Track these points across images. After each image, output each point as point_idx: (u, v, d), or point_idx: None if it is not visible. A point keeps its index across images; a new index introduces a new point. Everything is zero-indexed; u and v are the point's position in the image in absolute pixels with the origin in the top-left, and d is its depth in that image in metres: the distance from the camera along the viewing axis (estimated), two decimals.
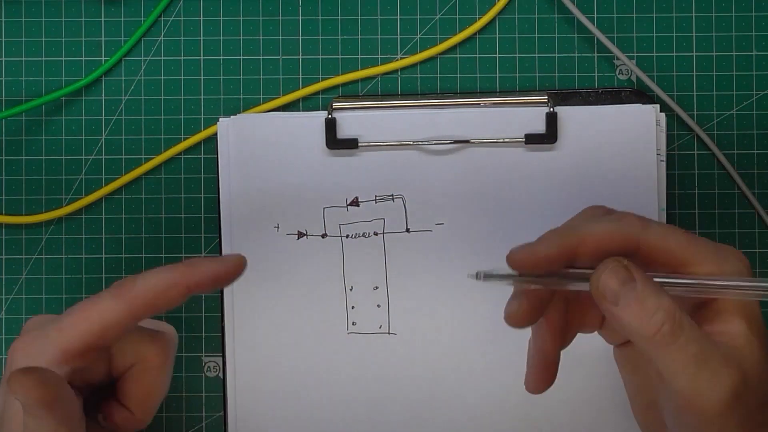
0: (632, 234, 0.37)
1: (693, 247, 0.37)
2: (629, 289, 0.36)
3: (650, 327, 0.35)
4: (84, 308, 0.39)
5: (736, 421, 0.35)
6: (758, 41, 0.49)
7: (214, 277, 0.39)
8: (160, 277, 0.39)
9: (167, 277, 0.39)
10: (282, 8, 0.50)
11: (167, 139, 0.49)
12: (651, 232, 0.37)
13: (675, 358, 0.35)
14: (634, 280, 0.36)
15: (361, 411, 0.48)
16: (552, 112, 0.48)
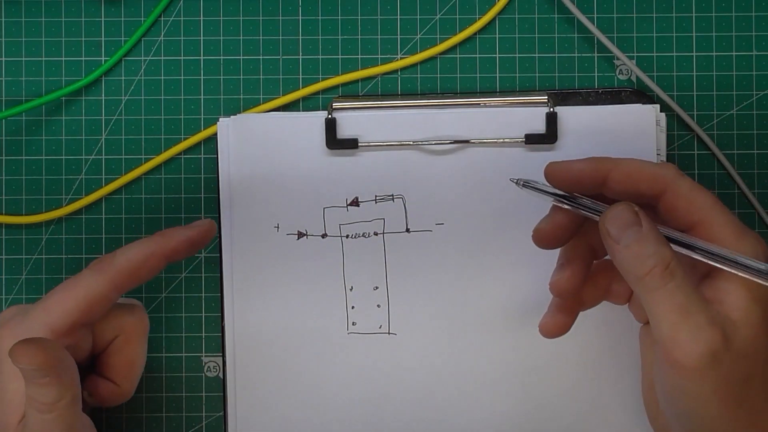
0: (664, 177, 0.39)
1: (717, 213, 0.38)
2: (633, 231, 0.38)
3: (643, 268, 0.37)
4: (68, 287, 0.41)
5: (711, 384, 0.36)
6: (758, 41, 0.49)
7: (188, 243, 0.43)
8: (138, 249, 0.42)
9: (145, 248, 0.42)
10: (282, 8, 0.50)
11: (167, 139, 0.50)
12: (682, 183, 0.39)
13: (661, 303, 0.37)
14: (639, 224, 0.38)
15: (361, 411, 0.48)
16: (552, 112, 0.48)
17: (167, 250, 0.42)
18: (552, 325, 0.42)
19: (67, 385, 0.39)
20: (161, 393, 0.49)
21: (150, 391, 0.49)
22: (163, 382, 0.49)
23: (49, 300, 0.41)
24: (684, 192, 0.38)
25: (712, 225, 0.38)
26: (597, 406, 0.48)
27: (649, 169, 0.39)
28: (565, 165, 0.40)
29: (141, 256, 0.42)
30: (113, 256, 0.41)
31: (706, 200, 0.38)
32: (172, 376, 0.49)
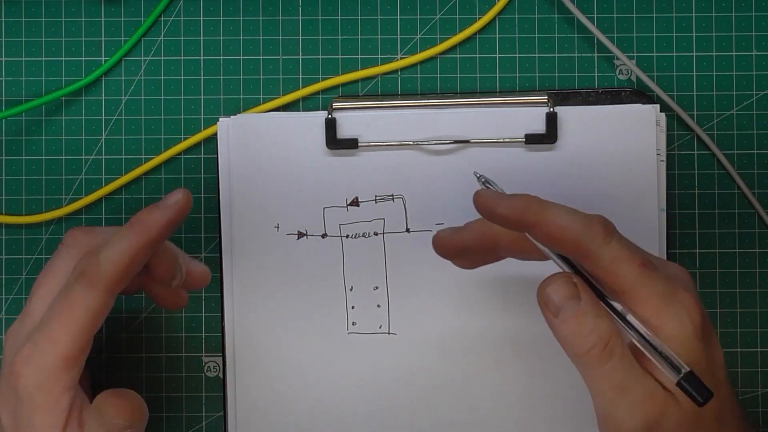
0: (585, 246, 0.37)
1: (640, 286, 0.37)
2: (571, 305, 0.37)
3: (582, 346, 0.37)
4: (64, 310, 0.40)
5: None
6: (758, 41, 0.49)
7: (168, 227, 0.40)
8: (122, 250, 0.39)
9: (128, 247, 0.39)
10: (282, 8, 0.50)
11: (167, 139, 0.49)
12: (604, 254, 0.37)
13: (599, 381, 0.36)
14: (578, 298, 0.37)
15: (361, 411, 0.48)
16: (552, 112, 0.48)
17: (150, 241, 0.40)
18: (446, 243, 0.42)
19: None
20: (161, 393, 0.49)
21: (150, 391, 0.49)
22: (163, 382, 0.49)
23: (52, 329, 0.39)
24: (605, 264, 0.37)
25: (634, 298, 0.37)
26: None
27: (570, 234, 0.37)
28: (451, 235, 0.40)
29: (127, 259, 0.39)
30: (98, 264, 0.39)
31: (628, 272, 0.37)
32: (172, 376, 0.49)
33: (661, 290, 0.37)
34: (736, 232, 0.49)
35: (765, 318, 0.49)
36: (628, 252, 0.37)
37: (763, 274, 0.49)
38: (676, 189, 0.49)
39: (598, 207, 0.47)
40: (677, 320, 0.36)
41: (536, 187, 0.48)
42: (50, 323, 0.39)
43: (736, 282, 0.49)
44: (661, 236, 0.48)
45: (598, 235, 0.37)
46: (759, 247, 0.49)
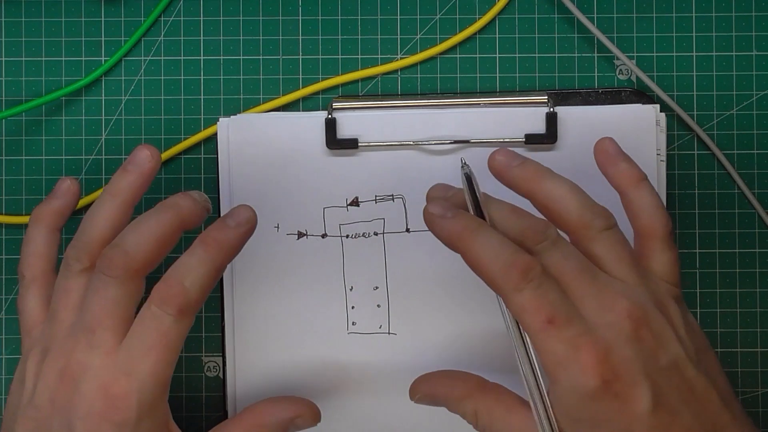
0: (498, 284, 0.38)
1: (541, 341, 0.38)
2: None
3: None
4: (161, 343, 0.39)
5: None
6: (758, 41, 0.49)
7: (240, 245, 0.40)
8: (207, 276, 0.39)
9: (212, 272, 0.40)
10: (282, 8, 0.50)
11: (167, 139, 0.50)
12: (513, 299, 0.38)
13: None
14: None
15: (361, 411, 0.48)
16: (552, 112, 0.48)
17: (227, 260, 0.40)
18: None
19: None
20: None
21: None
22: None
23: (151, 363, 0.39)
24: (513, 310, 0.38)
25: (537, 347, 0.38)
26: None
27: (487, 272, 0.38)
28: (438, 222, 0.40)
29: (211, 282, 0.40)
30: (186, 293, 0.39)
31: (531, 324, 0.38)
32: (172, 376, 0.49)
33: (560, 350, 0.37)
34: (736, 232, 0.49)
35: (765, 318, 0.49)
36: (537, 303, 0.37)
37: (763, 274, 0.49)
38: (676, 189, 0.49)
39: None
40: (570, 381, 0.37)
41: None
42: (146, 355, 0.39)
43: (736, 282, 0.49)
44: None
45: (510, 281, 0.37)
46: (759, 247, 0.49)
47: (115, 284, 0.39)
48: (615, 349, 0.37)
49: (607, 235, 0.40)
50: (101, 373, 0.39)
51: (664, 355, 0.38)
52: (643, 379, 0.37)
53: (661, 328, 0.38)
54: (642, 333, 0.37)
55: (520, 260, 0.37)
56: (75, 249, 0.41)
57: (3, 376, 0.50)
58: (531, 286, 0.37)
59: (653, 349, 0.38)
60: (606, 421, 0.37)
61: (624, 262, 0.40)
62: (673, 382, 0.37)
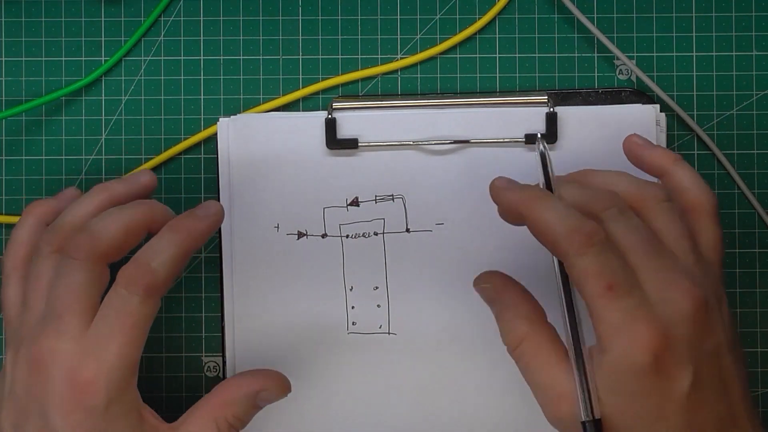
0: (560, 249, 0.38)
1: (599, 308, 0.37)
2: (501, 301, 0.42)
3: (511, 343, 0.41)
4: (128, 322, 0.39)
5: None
6: (758, 41, 0.49)
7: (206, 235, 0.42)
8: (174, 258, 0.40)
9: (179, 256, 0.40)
10: (282, 8, 0.50)
11: (167, 139, 0.50)
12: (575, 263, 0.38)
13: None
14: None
15: (361, 411, 0.48)
16: (552, 112, 0.48)
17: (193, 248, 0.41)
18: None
19: None
20: (161, 393, 0.49)
21: (150, 391, 0.49)
22: (163, 382, 0.49)
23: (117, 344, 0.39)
24: (574, 274, 0.38)
25: (594, 315, 0.37)
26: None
27: (551, 236, 0.38)
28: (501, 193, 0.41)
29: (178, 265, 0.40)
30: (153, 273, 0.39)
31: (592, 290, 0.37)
32: (172, 376, 0.49)
33: (617, 319, 0.37)
34: (736, 232, 0.49)
35: (765, 318, 0.49)
36: (599, 269, 0.37)
37: (763, 274, 0.49)
38: None
39: None
40: (622, 352, 0.37)
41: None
42: (113, 338, 0.39)
43: (736, 282, 0.49)
44: None
45: (573, 244, 0.37)
46: (759, 247, 0.49)
47: (81, 267, 0.40)
48: (671, 327, 0.37)
49: (667, 207, 0.40)
50: (69, 359, 0.39)
51: (710, 339, 0.38)
52: (689, 361, 0.37)
53: (713, 313, 0.38)
54: (699, 315, 0.37)
55: (585, 225, 0.37)
56: (48, 233, 0.42)
57: None
58: (594, 251, 0.37)
59: (703, 332, 0.38)
60: (643, 395, 0.37)
61: (685, 239, 0.39)
62: (711, 368, 0.38)
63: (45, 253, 0.42)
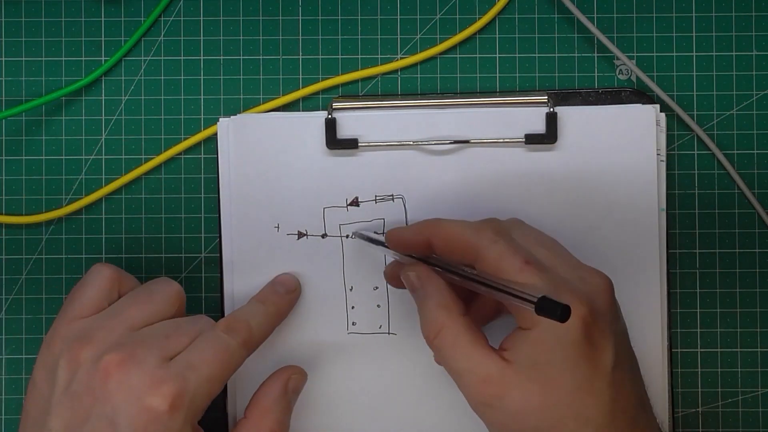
0: (475, 246, 0.40)
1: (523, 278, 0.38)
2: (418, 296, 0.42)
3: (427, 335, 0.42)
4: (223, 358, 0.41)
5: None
6: (758, 41, 0.49)
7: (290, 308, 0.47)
8: (266, 324, 0.44)
9: (271, 324, 0.45)
10: (282, 8, 0.50)
11: (167, 139, 0.50)
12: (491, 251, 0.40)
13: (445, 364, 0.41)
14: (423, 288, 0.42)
15: (361, 411, 0.48)
16: (552, 112, 0.48)
17: (281, 320, 0.46)
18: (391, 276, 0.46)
19: None
20: None
21: None
22: None
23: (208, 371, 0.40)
24: (492, 260, 0.39)
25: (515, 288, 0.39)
26: None
27: (462, 237, 0.41)
28: (398, 232, 0.43)
29: (269, 332, 0.45)
30: (251, 330, 0.43)
31: (510, 267, 0.39)
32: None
33: (541, 287, 0.38)
34: (736, 232, 0.49)
35: (765, 318, 0.49)
36: (513, 249, 0.39)
37: (763, 274, 0.49)
38: (676, 189, 0.49)
39: (598, 207, 0.47)
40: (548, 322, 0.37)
41: (536, 187, 0.48)
42: (207, 366, 0.40)
43: (736, 282, 0.49)
44: (661, 236, 0.48)
45: (486, 237, 0.40)
46: (759, 247, 0.49)
47: (229, 343, 0.42)
48: (592, 300, 0.39)
49: (501, 241, 0.41)
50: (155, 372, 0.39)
51: (619, 322, 0.40)
52: (611, 335, 0.39)
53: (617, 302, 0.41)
54: (611, 295, 0.40)
55: (489, 222, 0.41)
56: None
57: (3, 376, 0.50)
58: (505, 239, 0.40)
59: (615, 312, 0.40)
60: (574, 367, 0.38)
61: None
62: (625, 348, 0.40)
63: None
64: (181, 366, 0.40)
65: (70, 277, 0.49)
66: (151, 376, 0.39)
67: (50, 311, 0.49)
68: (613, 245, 0.47)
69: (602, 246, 0.47)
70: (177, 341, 0.41)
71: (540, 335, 0.38)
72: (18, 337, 0.49)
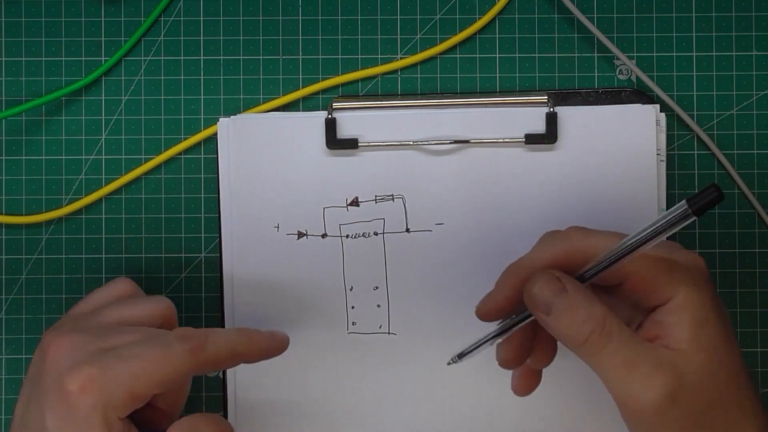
0: (575, 248, 0.38)
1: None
2: (561, 300, 0.37)
3: (580, 336, 0.37)
4: (158, 358, 0.39)
5: (672, 421, 0.37)
6: (758, 41, 0.49)
7: (265, 352, 0.43)
8: (228, 345, 0.41)
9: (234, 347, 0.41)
10: (282, 8, 0.50)
11: (167, 139, 0.50)
12: (593, 240, 0.38)
13: (605, 364, 0.37)
14: (565, 290, 0.37)
15: (361, 411, 0.48)
16: (552, 112, 0.48)
17: (249, 355, 0.42)
18: (522, 385, 0.43)
19: None
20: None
21: None
22: None
23: (134, 364, 0.39)
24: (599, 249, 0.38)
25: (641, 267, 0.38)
26: (600, 408, 0.48)
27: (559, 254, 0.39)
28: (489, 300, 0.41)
29: (228, 354, 0.41)
30: (205, 341, 0.40)
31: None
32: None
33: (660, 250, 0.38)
34: (736, 232, 0.49)
35: (765, 318, 0.49)
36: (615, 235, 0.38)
37: (763, 274, 0.49)
38: (676, 189, 0.49)
39: (598, 207, 0.47)
40: (684, 290, 0.37)
41: (536, 187, 0.48)
42: (137, 360, 0.39)
43: (736, 282, 0.49)
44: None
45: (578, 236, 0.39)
46: (759, 247, 0.49)
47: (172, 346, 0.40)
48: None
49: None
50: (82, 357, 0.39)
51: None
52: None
53: None
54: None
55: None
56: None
57: (3, 375, 0.50)
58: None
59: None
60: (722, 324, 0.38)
61: None
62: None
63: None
64: (109, 356, 0.39)
65: (70, 277, 0.49)
66: (76, 360, 0.39)
67: (50, 311, 0.49)
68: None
69: None
70: (123, 337, 0.40)
71: (681, 302, 0.37)
72: (18, 337, 0.49)
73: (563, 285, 0.38)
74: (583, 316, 0.37)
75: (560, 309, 0.37)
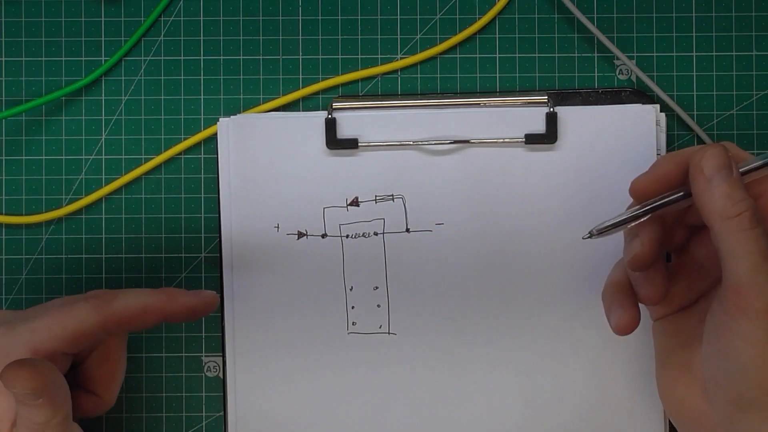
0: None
1: None
2: (726, 173, 0.38)
3: (733, 209, 0.37)
4: (60, 313, 0.40)
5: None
6: (758, 41, 0.49)
7: (188, 310, 0.42)
8: (139, 300, 0.41)
9: (145, 301, 0.41)
10: (282, 8, 0.50)
11: (167, 139, 0.50)
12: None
13: (744, 246, 0.37)
14: (731, 168, 0.38)
15: (361, 411, 0.48)
16: (552, 112, 0.48)
17: (166, 311, 0.42)
18: (627, 321, 0.42)
19: (59, 405, 0.38)
20: (161, 393, 0.49)
21: (150, 391, 0.49)
22: (163, 382, 0.49)
23: (37, 321, 0.40)
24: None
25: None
26: (599, 408, 0.48)
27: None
28: (648, 173, 0.41)
29: (139, 308, 0.41)
30: (113, 297, 0.41)
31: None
32: (172, 376, 0.49)
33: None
34: None
35: None
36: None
37: None
38: None
39: (597, 207, 0.47)
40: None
41: (536, 187, 0.48)
42: (39, 316, 0.40)
43: None
44: None
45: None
46: None
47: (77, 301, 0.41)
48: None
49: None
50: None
51: None
52: None
53: None
54: None
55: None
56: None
57: None
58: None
59: None
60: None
61: None
62: None
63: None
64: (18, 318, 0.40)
65: (70, 277, 0.49)
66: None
67: None
68: (613, 245, 0.47)
69: (602, 246, 0.47)
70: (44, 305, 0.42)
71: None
72: None
73: (731, 163, 0.38)
74: (741, 195, 0.38)
75: (723, 180, 0.38)
